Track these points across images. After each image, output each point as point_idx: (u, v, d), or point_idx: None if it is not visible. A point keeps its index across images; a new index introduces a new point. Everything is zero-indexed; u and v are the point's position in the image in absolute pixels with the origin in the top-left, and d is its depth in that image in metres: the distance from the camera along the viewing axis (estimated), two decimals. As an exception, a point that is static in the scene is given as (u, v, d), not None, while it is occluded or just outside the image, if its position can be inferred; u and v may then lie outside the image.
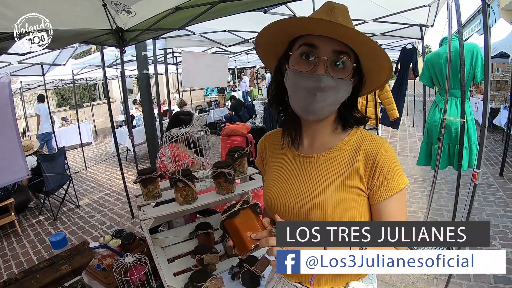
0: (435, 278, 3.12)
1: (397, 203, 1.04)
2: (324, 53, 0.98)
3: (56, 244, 2.00)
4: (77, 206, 5.90)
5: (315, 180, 1.09)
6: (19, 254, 4.38)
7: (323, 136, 1.13)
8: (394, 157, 1.05)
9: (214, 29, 5.34)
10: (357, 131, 1.12)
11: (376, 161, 1.03)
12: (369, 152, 1.05)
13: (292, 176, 1.15)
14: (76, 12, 2.92)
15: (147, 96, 5.73)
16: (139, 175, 1.78)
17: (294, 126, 1.16)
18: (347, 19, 1.02)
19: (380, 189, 1.03)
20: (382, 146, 1.05)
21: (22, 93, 12.15)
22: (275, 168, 1.21)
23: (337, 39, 0.97)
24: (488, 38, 2.35)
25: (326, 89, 0.98)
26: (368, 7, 4.55)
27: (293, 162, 1.16)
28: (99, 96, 20.34)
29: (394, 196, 1.03)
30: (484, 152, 2.51)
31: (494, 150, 7.55)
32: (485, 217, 4.23)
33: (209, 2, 2.89)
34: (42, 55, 5.90)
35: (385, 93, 4.96)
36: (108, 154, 10.15)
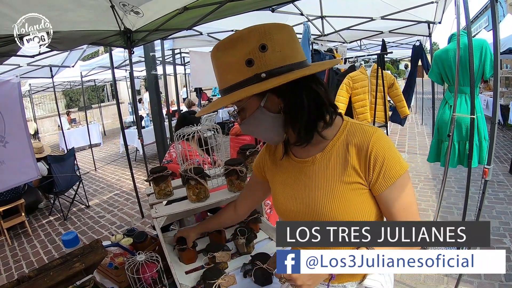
0: (446, 276, 3.10)
1: (401, 189, 1.03)
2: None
3: (68, 243, 2.00)
4: (87, 207, 5.95)
5: (315, 182, 1.12)
6: (30, 254, 4.42)
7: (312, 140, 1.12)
8: (387, 145, 1.04)
9: (221, 29, 5.36)
10: (346, 125, 1.11)
11: (369, 153, 1.03)
12: (359, 145, 1.05)
13: (293, 181, 1.18)
14: (84, 13, 2.95)
15: (155, 97, 5.75)
16: (151, 173, 1.79)
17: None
18: (219, 67, 1.06)
19: (378, 180, 1.03)
20: (372, 136, 1.04)
21: (31, 95, 12.26)
22: (278, 175, 1.26)
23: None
24: (497, 34, 2.33)
25: (250, 131, 1.13)
26: (375, 5, 4.55)
27: (293, 168, 1.20)
28: (107, 97, 20.46)
29: (395, 184, 1.02)
30: (494, 149, 2.48)
31: (504, 147, 7.47)
32: (495, 215, 4.19)
33: (217, 1, 2.90)
34: (50, 57, 5.96)
35: (394, 90, 4.93)
36: (117, 154, 10.23)
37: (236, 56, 0.99)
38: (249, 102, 1.04)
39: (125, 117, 13.01)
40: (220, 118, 12.22)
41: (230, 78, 1.00)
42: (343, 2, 4.60)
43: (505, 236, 3.68)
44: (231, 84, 1.00)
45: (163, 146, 5.87)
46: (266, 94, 1.03)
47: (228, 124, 11.12)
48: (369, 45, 9.18)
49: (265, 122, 1.06)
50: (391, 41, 8.90)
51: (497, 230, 3.81)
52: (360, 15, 5.02)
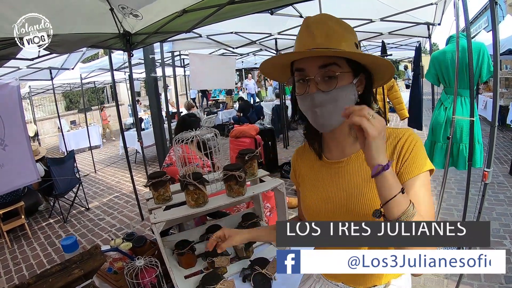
0: (446, 279, 3.09)
1: (423, 184, 1.05)
2: (311, 73, 1.03)
3: (67, 247, 2.00)
4: (87, 209, 5.95)
5: (350, 181, 1.14)
6: (30, 257, 4.41)
7: (348, 141, 1.16)
8: (418, 142, 1.08)
9: (221, 31, 5.36)
10: None
11: (402, 144, 1.08)
12: (394, 141, 1.10)
13: (327, 183, 1.19)
14: (83, 16, 2.94)
15: (155, 99, 5.75)
16: (149, 179, 1.79)
17: (316, 137, 1.22)
18: (326, 29, 1.04)
19: (406, 167, 1.05)
20: (406, 132, 1.10)
21: (31, 97, 12.28)
22: (309, 178, 1.26)
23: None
24: (497, 35, 2.32)
25: (323, 104, 1.03)
26: (375, 6, 4.55)
27: (326, 170, 1.20)
28: (107, 99, 20.47)
29: (420, 176, 1.04)
30: (494, 151, 2.48)
31: (503, 148, 7.46)
32: (495, 216, 4.18)
33: (216, 4, 2.90)
34: (50, 60, 5.95)
35: (394, 92, 4.94)
36: (117, 156, 10.22)
37: (348, 35, 1.05)
38: (344, 74, 1.03)
39: (125, 119, 13.04)
40: (220, 120, 12.25)
41: (343, 45, 1.02)
42: (343, 3, 4.60)
43: (505, 238, 3.67)
44: (343, 49, 1.01)
45: (162, 149, 5.86)
46: (360, 74, 1.07)
47: (228, 126, 11.14)
48: (369, 47, 9.17)
49: (347, 100, 1.05)
50: (390, 42, 8.90)
51: (497, 232, 3.80)
52: (359, 17, 5.02)
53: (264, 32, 5.95)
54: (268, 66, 1.15)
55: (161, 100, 6.46)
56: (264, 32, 5.95)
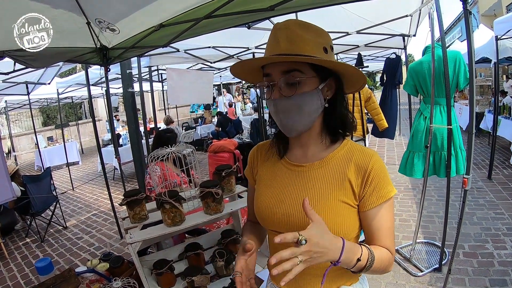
0: (431, 286, 3.10)
1: (387, 211, 1.08)
2: (275, 78, 1.05)
3: (42, 270, 1.94)
4: (65, 228, 5.78)
5: (307, 188, 1.12)
6: (6, 278, 4.25)
7: (313, 147, 1.16)
8: (384, 168, 1.10)
9: (198, 45, 5.36)
10: (347, 143, 1.16)
11: (368, 170, 1.07)
12: (360, 163, 1.09)
13: (284, 184, 1.17)
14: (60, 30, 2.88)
15: (132, 114, 5.68)
16: (124, 197, 1.74)
17: (284, 138, 1.21)
18: (289, 34, 1.04)
19: (371, 196, 1.07)
20: (372, 158, 1.09)
21: (7, 112, 12.02)
22: (267, 177, 1.24)
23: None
24: (472, 44, 2.37)
25: (286, 109, 1.05)
26: (351, 20, 4.60)
27: (286, 171, 1.19)
28: (85, 114, 20.18)
29: (384, 204, 1.07)
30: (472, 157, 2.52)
31: (481, 153, 7.63)
32: (476, 221, 4.24)
33: (193, 18, 2.88)
34: (26, 74, 5.85)
35: (371, 104, 4.97)
36: (95, 173, 10.02)
37: (314, 39, 1.04)
38: (306, 79, 1.03)
39: (103, 135, 12.84)
40: (199, 135, 12.18)
41: (307, 49, 1.01)
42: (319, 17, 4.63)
43: (487, 241, 3.73)
44: (307, 54, 1.00)
45: (140, 165, 5.78)
46: (328, 79, 1.08)
47: (207, 141, 11.10)
48: (346, 59, 9.26)
49: (312, 106, 1.06)
50: (367, 54, 9.04)
51: (479, 236, 3.86)
52: (335, 30, 5.06)
53: (242, 46, 5.96)
54: (238, 70, 1.18)
55: (139, 115, 6.38)
56: (242, 46, 5.96)
